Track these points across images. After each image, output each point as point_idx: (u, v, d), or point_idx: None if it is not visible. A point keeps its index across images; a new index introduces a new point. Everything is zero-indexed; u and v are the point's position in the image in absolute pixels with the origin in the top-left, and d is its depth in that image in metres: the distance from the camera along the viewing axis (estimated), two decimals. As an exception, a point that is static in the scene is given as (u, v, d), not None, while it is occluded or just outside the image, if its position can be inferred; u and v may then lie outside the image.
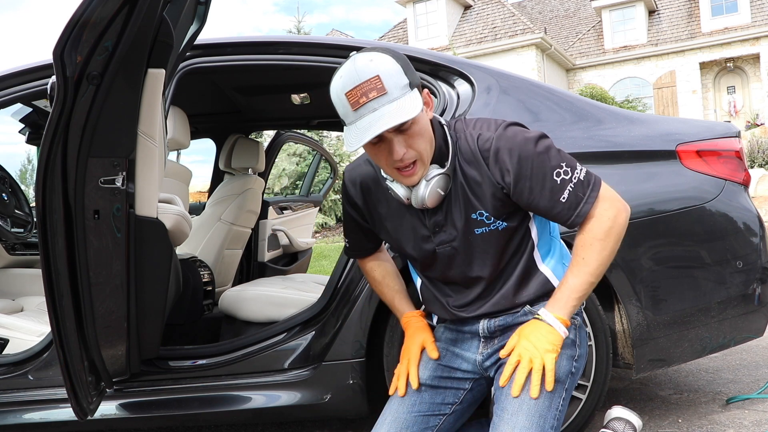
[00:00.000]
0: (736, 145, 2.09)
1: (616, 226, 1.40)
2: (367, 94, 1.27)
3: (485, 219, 1.44)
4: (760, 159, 11.84)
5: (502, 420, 1.39)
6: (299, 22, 16.01)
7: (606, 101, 15.79)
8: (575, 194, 1.39)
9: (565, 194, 1.39)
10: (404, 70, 1.32)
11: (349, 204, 1.63)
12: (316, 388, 1.94)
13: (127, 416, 1.99)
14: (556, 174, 1.39)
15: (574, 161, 1.42)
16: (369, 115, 1.28)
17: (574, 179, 1.39)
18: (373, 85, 1.27)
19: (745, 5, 19.31)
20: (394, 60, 1.32)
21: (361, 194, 1.58)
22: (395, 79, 1.29)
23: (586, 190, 1.40)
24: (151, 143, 1.75)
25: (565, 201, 1.39)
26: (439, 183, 1.41)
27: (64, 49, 1.49)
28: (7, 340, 2.20)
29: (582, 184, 1.40)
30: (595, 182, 1.42)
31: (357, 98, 1.28)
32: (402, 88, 1.30)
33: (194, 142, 3.71)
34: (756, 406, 2.17)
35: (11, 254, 3.12)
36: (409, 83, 1.31)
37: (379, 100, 1.27)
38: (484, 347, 1.57)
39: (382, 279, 1.72)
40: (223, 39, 2.28)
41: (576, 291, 1.40)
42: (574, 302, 1.41)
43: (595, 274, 1.40)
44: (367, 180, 1.57)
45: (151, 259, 1.82)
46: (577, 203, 1.39)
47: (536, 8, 25.30)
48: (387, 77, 1.28)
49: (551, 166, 1.39)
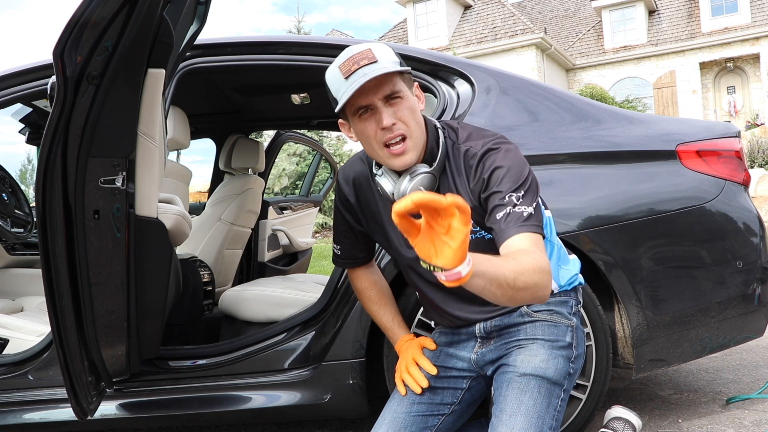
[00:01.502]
0: (736, 145, 2.09)
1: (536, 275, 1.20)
2: (359, 63, 1.34)
3: (472, 227, 1.42)
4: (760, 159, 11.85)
5: (501, 420, 1.39)
6: (299, 22, 16.01)
7: (606, 101, 15.79)
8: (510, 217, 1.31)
9: (502, 212, 1.32)
10: (396, 55, 1.39)
11: (342, 203, 1.62)
12: (316, 388, 1.94)
13: (127, 416, 1.99)
14: (509, 195, 1.33)
15: (534, 200, 1.34)
16: (359, 78, 1.33)
17: (518, 210, 1.31)
18: (364, 55, 1.35)
19: (745, 5, 19.31)
20: (387, 46, 1.41)
21: (353, 191, 1.59)
22: (387, 55, 1.37)
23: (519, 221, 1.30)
24: (151, 143, 1.75)
25: (499, 218, 1.32)
26: (422, 181, 1.41)
27: (64, 49, 1.49)
28: (7, 340, 2.20)
29: (521, 216, 1.31)
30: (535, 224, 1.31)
31: (349, 67, 1.34)
32: (392, 63, 1.36)
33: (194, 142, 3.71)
34: (756, 406, 2.17)
35: (11, 254, 3.12)
36: (399, 63, 1.38)
37: (369, 66, 1.33)
38: (480, 347, 1.57)
39: (378, 299, 1.70)
40: (223, 39, 2.28)
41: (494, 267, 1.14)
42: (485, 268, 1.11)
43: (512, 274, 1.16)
44: (360, 177, 1.57)
45: (151, 259, 1.82)
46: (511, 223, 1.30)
47: (536, 8, 25.30)
48: (378, 51, 1.36)
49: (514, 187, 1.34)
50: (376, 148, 1.40)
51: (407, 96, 1.39)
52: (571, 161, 2.00)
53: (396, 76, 1.37)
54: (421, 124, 1.42)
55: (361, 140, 1.42)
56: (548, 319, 1.52)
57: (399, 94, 1.37)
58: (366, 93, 1.35)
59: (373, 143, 1.39)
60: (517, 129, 2.01)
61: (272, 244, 3.80)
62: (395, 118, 1.36)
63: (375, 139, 1.38)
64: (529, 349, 1.49)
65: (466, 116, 2.03)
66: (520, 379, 1.44)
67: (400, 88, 1.37)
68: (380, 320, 1.71)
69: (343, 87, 1.35)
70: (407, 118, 1.37)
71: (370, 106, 1.36)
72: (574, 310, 1.56)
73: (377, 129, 1.37)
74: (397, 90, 1.36)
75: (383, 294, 1.72)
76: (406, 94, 1.38)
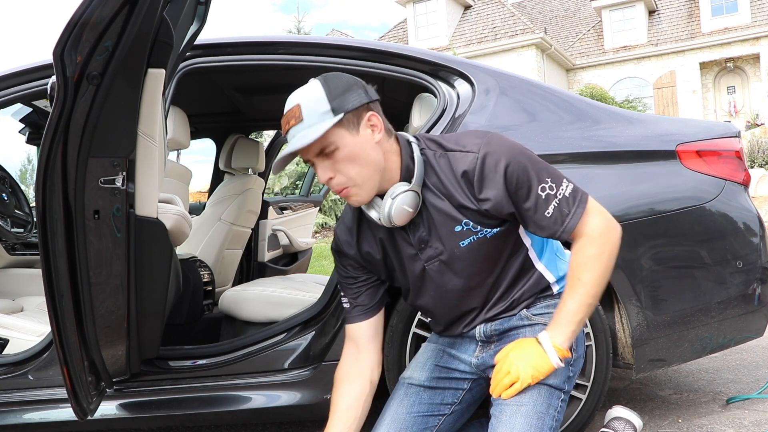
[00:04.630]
0: (736, 145, 2.09)
1: (608, 243, 1.39)
2: (289, 122, 1.36)
3: (471, 228, 1.42)
4: (760, 159, 11.85)
5: (500, 421, 1.40)
6: (299, 22, 16.01)
7: (606, 101, 15.79)
8: (560, 210, 1.38)
9: (549, 209, 1.38)
10: (330, 96, 1.34)
11: (341, 256, 1.59)
12: (316, 388, 1.94)
13: (127, 416, 1.99)
14: (541, 189, 1.37)
15: (560, 176, 1.40)
16: (290, 141, 1.36)
17: (559, 195, 1.38)
18: (293, 113, 1.35)
19: (745, 5, 19.31)
20: (322, 87, 1.35)
21: (351, 238, 1.56)
22: (314, 107, 1.34)
23: (571, 207, 1.38)
24: (151, 143, 1.75)
25: (549, 216, 1.38)
26: (404, 200, 1.39)
27: (64, 49, 1.49)
28: (7, 340, 2.20)
29: (567, 201, 1.38)
30: (582, 198, 1.40)
31: (284, 125, 1.38)
32: (320, 115, 1.33)
33: (194, 142, 3.71)
34: (756, 406, 2.17)
35: (11, 254, 3.12)
36: (331, 110, 1.33)
37: (296, 127, 1.35)
38: (481, 351, 1.57)
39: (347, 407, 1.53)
40: (223, 39, 2.28)
41: (575, 314, 1.38)
42: (574, 326, 1.39)
43: (591, 294, 1.38)
44: (352, 223, 1.57)
45: (151, 259, 1.82)
46: (562, 219, 1.38)
47: (536, 8, 25.30)
48: (306, 105, 1.34)
49: (537, 181, 1.37)
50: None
51: (344, 144, 1.34)
52: (570, 161, 1.99)
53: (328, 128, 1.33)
54: (368, 165, 1.37)
55: None
56: (548, 322, 1.51)
57: (332, 147, 1.34)
58: (303, 152, 1.36)
59: None
60: (516, 129, 2.01)
61: (272, 244, 3.80)
62: (333, 170, 1.36)
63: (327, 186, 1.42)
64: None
65: (466, 116, 2.03)
66: (520, 380, 1.45)
67: (331, 141, 1.33)
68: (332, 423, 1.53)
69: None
70: (345, 169, 1.36)
71: (310, 161, 1.39)
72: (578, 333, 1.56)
73: (321, 181, 1.41)
74: (327, 144, 1.33)
75: (356, 413, 1.53)
76: (341, 142, 1.34)
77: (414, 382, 1.58)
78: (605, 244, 1.39)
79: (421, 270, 1.50)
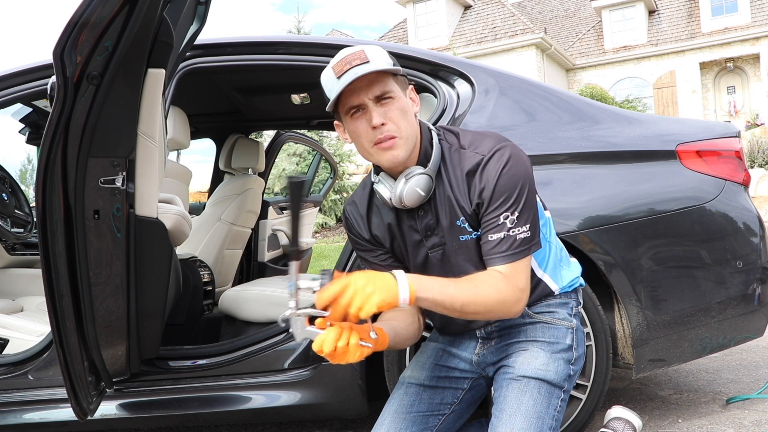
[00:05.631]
0: (736, 145, 2.09)
1: (501, 299, 1.34)
2: (351, 63, 1.34)
3: (467, 227, 1.44)
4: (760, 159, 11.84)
5: (501, 421, 1.40)
6: (299, 22, 15.98)
7: (606, 101, 15.79)
8: (500, 243, 1.36)
9: (495, 236, 1.37)
10: (390, 58, 1.39)
11: (355, 235, 1.59)
12: (316, 388, 1.94)
13: (127, 416, 1.99)
14: (505, 216, 1.36)
15: (529, 220, 1.38)
16: (350, 77, 1.33)
17: (511, 232, 1.36)
18: (357, 56, 1.34)
19: (745, 5, 19.31)
20: (383, 49, 1.40)
21: (361, 220, 1.57)
22: (380, 56, 1.36)
23: (510, 249, 1.36)
24: (151, 143, 1.75)
25: (491, 240, 1.37)
26: (418, 182, 1.40)
27: (64, 49, 1.49)
28: (7, 340, 2.20)
29: (513, 242, 1.36)
30: (524, 251, 1.37)
31: (341, 67, 1.35)
32: (386, 64, 1.36)
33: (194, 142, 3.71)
34: (756, 406, 2.17)
35: (11, 254, 3.12)
36: (393, 65, 1.37)
37: (361, 66, 1.33)
38: (481, 348, 1.57)
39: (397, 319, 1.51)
40: (223, 39, 2.28)
41: (443, 291, 1.29)
42: (434, 294, 1.28)
43: (458, 299, 1.30)
44: (363, 205, 1.57)
45: (151, 259, 1.82)
46: (495, 251, 1.37)
47: (536, 8, 25.30)
48: (371, 52, 1.36)
49: (509, 206, 1.36)
50: (367, 147, 1.40)
51: (399, 97, 1.38)
52: (570, 161, 2.00)
53: (388, 76, 1.37)
54: (413, 125, 1.41)
55: (353, 140, 1.42)
56: (548, 320, 1.52)
57: (390, 95, 1.37)
58: (357, 92, 1.35)
59: (364, 142, 1.39)
60: (515, 129, 2.01)
61: (272, 244, 3.80)
62: (385, 118, 1.36)
63: (366, 138, 1.39)
64: (530, 352, 1.49)
65: (466, 116, 2.03)
66: (520, 380, 1.45)
67: (391, 89, 1.37)
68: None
69: (336, 86, 1.35)
70: (397, 119, 1.37)
71: (361, 106, 1.37)
72: (574, 312, 1.57)
73: (368, 128, 1.37)
74: (388, 90, 1.36)
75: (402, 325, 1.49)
76: (397, 95, 1.38)
77: (414, 381, 1.58)
78: (501, 295, 1.34)
79: (424, 257, 1.50)
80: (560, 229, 1.82)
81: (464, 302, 1.30)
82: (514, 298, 1.36)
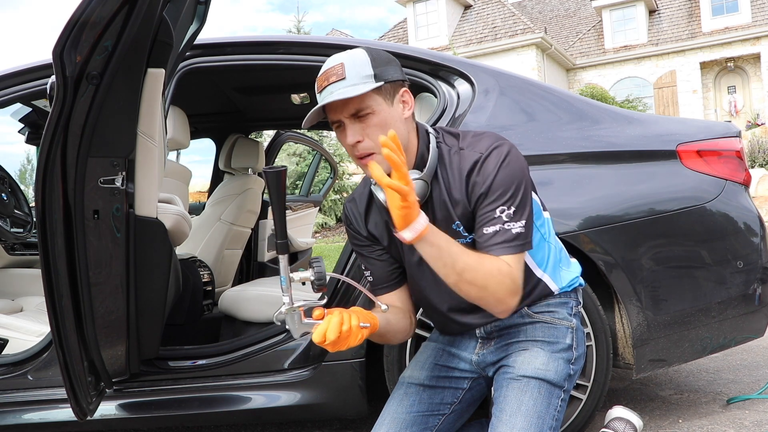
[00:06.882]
0: (736, 145, 2.09)
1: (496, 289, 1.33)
2: (329, 79, 1.35)
3: (461, 231, 1.44)
4: (760, 159, 11.85)
5: (501, 420, 1.39)
6: (299, 22, 15.97)
7: (606, 101, 15.79)
8: (495, 235, 1.36)
9: (490, 228, 1.36)
10: (374, 64, 1.36)
11: (353, 231, 1.60)
12: (316, 388, 1.94)
13: (127, 416, 1.99)
14: (501, 210, 1.36)
15: (524, 215, 1.37)
16: (327, 96, 1.35)
17: (506, 226, 1.35)
18: (335, 71, 1.35)
19: (746, 5, 19.30)
20: (367, 54, 1.38)
21: (360, 218, 1.58)
22: (358, 69, 1.35)
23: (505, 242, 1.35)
24: (151, 143, 1.75)
25: (486, 233, 1.37)
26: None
27: (63, 48, 1.49)
28: (6, 340, 2.20)
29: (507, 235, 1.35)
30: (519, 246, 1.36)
31: (321, 82, 1.37)
32: (363, 77, 1.35)
33: (194, 142, 3.71)
34: (756, 407, 2.17)
35: (11, 254, 3.12)
36: (373, 75, 1.35)
37: (337, 84, 1.34)
38: (481, 348, 1.57)
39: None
40: (223, 39, 2.28)
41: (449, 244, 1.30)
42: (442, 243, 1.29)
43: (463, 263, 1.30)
44: (362, 203, 1.58)
45: (150, 259, 1.82)
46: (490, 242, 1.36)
47: (536, 8, 25.29)
48: (350, 66, 1.35)
49: (505, 200, 1.36)
50: (353, 159, 1.42)
51: (379, 110, 1.35)
52: (570, 161, 1.99)
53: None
54: (402, 133, 1.39)
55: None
56: (548, 320, 1.52)
57: (367, 110, 1.35)
58: (334, 109, 1.36)
59: (349, 153, 1.42)
60: (515, 128, 2.01)
61: (272, 244, 3.80)
62: (362, 134, 1.36)
63: (348, 151, 1.41)
64: (530, 352, 1.49)
65: (466, 116, 2.03)
66: (521, 380, 1.45)
67: (368, 104, 1.34)
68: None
69: (318, 100, 1.38)
70: (375, 134, 1.35)
71: (341, 122, 1.38)
72: (574, 311, 1.56)
73: (347, 143, 1.39)
74: (365, 107, 1.34)
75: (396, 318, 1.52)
76: (377, 108, 1.35)
77: (414, 381, 1.58)
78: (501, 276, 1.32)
79: (419, 258, 1.49)
80: (560, 229, 1.82)
81: (465, 267, 1.29)
82: (511, 288, 1.34)
